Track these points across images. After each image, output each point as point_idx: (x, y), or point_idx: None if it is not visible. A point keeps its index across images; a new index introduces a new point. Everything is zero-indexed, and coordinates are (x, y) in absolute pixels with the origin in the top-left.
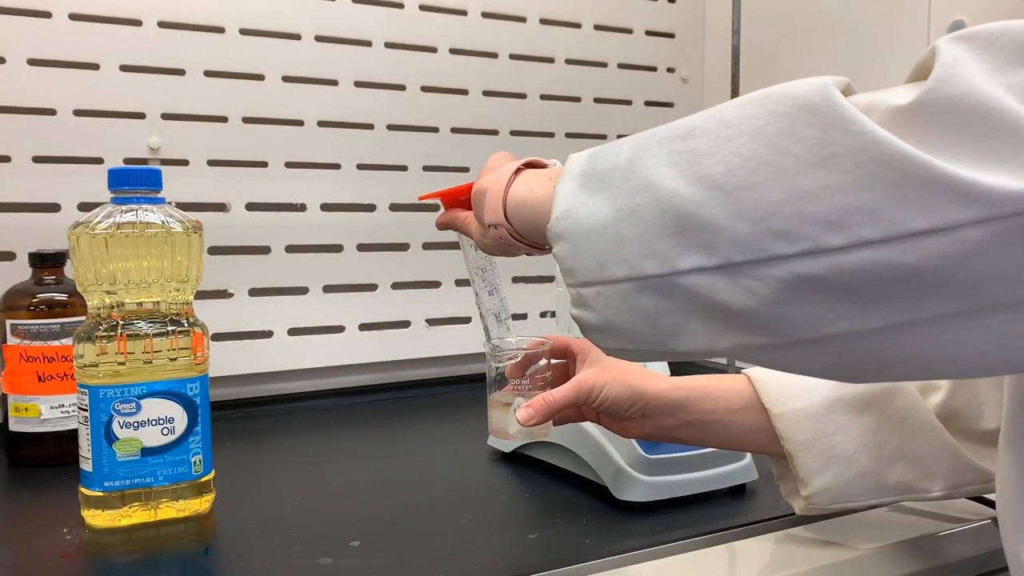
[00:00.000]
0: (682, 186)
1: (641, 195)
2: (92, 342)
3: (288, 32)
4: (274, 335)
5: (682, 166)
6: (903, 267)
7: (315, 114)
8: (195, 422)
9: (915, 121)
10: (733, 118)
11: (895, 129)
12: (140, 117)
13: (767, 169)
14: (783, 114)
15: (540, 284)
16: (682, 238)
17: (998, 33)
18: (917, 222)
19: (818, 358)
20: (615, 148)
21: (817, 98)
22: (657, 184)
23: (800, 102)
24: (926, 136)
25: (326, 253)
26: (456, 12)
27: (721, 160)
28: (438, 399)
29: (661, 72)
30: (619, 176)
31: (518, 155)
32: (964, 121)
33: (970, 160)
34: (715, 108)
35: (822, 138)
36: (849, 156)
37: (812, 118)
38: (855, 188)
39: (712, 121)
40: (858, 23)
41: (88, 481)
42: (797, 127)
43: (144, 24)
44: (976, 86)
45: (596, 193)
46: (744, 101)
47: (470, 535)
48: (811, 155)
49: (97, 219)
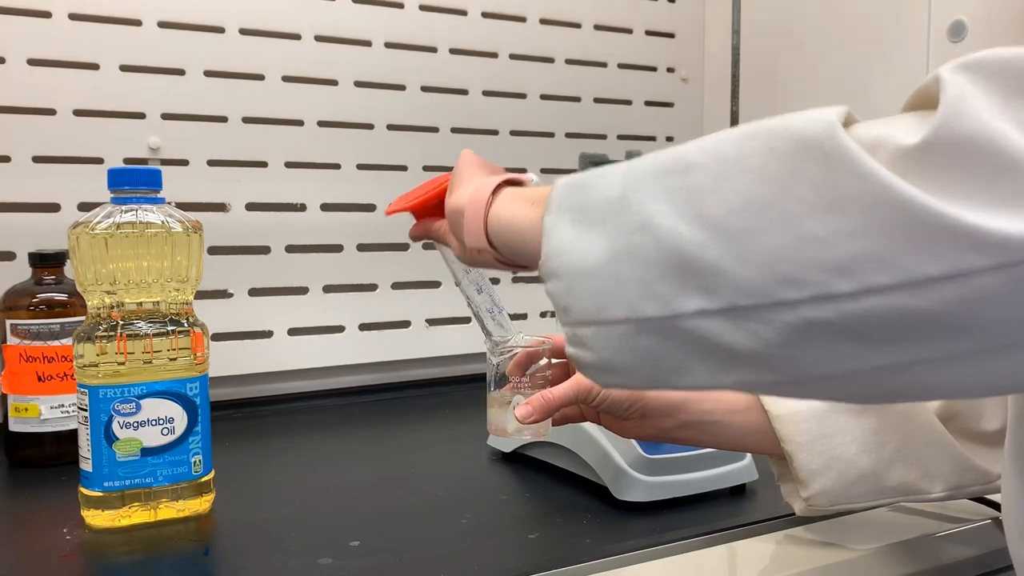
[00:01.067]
0: (682, 226)
1: (638, 234)
2: (92, 342)
3: (288, 32)
4: (274, 335)
5: (680, 204)
6: (916, 311)
7: (315, 114)
8: (195, 422)
9: (925, 162)
10: (733, 154)
11: (905, 171)
12: (140, 117)
13: (772, 212)
14: (787, 153)
15: (540, 284)
16: (683, 280)
17: (1004, 62)
18: (930, 268)
19: (825, 391)
20: (605, 179)
21: (822, 137)
22: (655, 222)
23: (804, 141)
24: (936, 178)
25: (326, 253)
26: (456, 12)
27: (722, 200)
28: (438, 399)
29: (661, 72)
30: (613, 212)
31: (518, 155)
32: (975, 161)
33: (982, 203)
34: (711, 139)
35: (829, 181)
36: (858, 200)
37: (818, 159)
38: (865, 234)
39: (709, 155)
40: (858, 23)
41: (88, 481)
42: (802, 168)
43: (144, 24)
44: (986, 123)
45: (589, 229)
46: (742, 135)
47: (470, 535)
48: (819, 199)
49: (97, 219)
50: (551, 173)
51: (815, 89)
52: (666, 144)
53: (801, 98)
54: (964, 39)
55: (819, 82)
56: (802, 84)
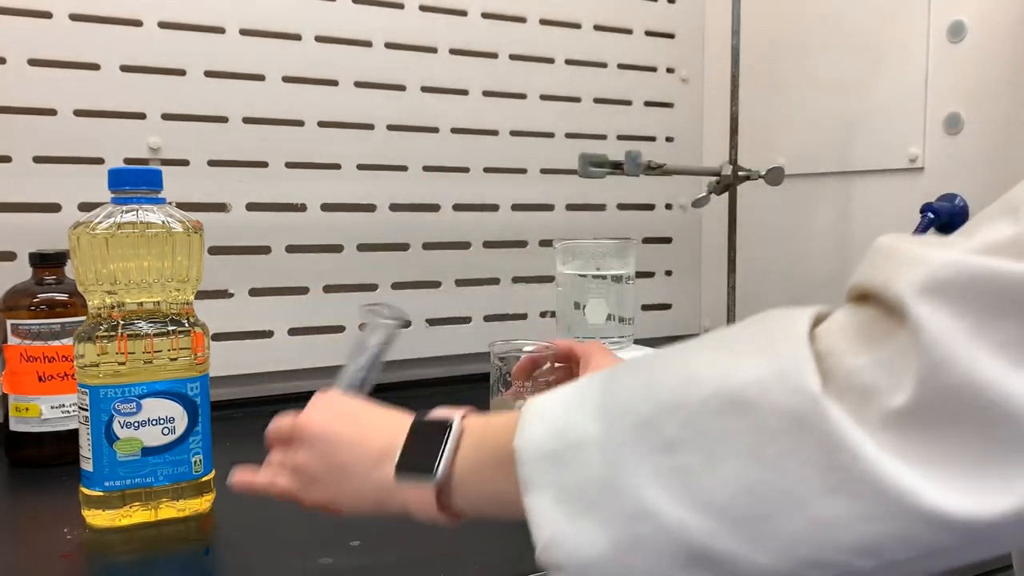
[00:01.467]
0: (685, 515)
1: (640, 524)
2: (92, 342)
3: (288, 32)
4: (274, 335)
5: (677, 489)
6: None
7: (315, 114)
8: (195, 422)
9: (913, 430)
10: (717, 432)
11: (895, 441)
12: (140, 117)
13: (776, 495)
14: (778, 432)
15: (540, 284)
16: (699, 570)
17: (970, 282)
18: (900, 554)
19: None
20: (581, 452)
21: (809, 413)
22: (656, 511)
23: (791, 419)
24: (923, 450)
25: (326, 253)
26: (456, 12)
27: (721, 483)
28: (438, 399)
29: (661, 72)
30: (602, 495)
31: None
32: (961, 421)
33: (966, 472)
34: (683, 399)
35: (828, 462)
36: (862, 483)
37: (810, 441)
38: (876, 517)
39: (691, 431)
40: (858, 23)
41: (89, 481)
42: (797, 450)
43: (144, 24)
44: (967, 370)
45: (580, 515)
46: (722, 404)
47: (470, 535)
48: (822, 481)
49: (98, 219)
50: (551, 173)
51: (815, 89)
52: (666, 144)
53: (801, 98)
54: (964, 39)
55: (819, 82)
56: (802, 84)
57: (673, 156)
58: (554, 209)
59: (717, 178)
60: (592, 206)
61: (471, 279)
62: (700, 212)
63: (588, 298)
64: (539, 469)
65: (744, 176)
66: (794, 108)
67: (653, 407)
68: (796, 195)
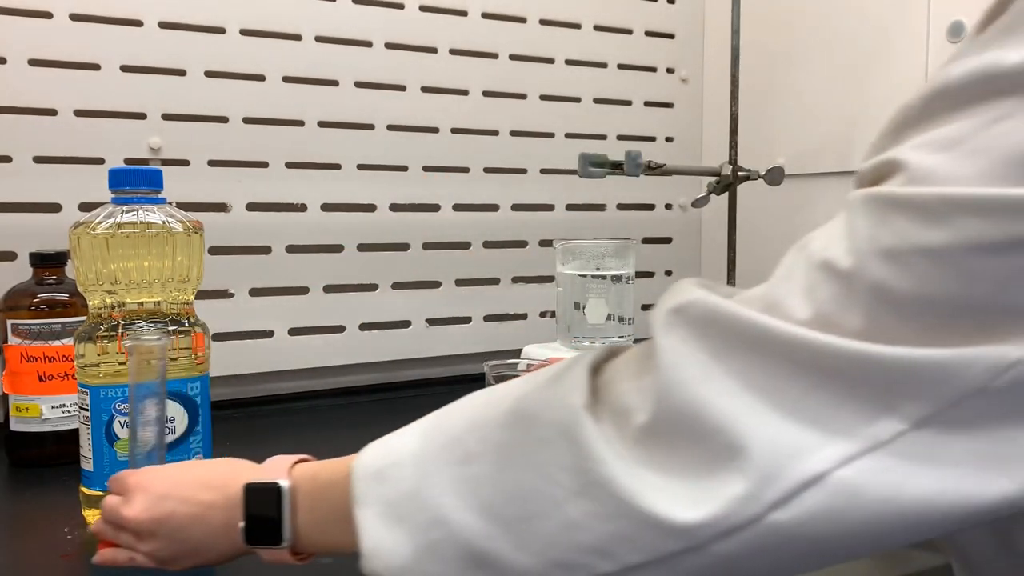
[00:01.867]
0: (470, 519)
1: (435, 530)
2: (93, 342)
3: (288, 32)
4: (274, 335)
5: (467, 496)
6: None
7: (315, 114)
8: (196, 422)
9: (649, 443)
10: (505, 442)
11: (636, 452)
12: (141, 117)
13: (539, 499)
14: (546, 441)
15: (540, 284)
16: (480, 573)
17: (711, 316)
18: (634, 557)
19: None
20: (398, 469)
21: (570, 424)
22: (448, 519)
23: (558, 429)
24: (653, 460)
25: (326, 253)
26: (456, 12)
27: (501, 489)
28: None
29: (661, 72)
30: (411, 506)
31: (518, 155)
32: (683, 436)
33: (684, 482)
34: (483, 416)
35: (578, 467)
36: (599, 486)
37: (568, 447)
38: (613, 515)
39: (487, 444)
40: (858, 23)
41: (89, 481)
42: (558, 456)
43: (144, 24)
44: (694, 393)
45: (394, 525)
46: (507, 419)
47: None
48: (572, 484)
49: (98, 219)
50: (551, 173)
51: (815, 89)
52: (666, 144)
53: (801, 98)
54: (964, 39)
55: (819, 82)
56: (802, 84)
57: (673, 156)
58: (554, 209)
59: (717, 178)
60: (592, 206)
61: (471, 279)
62: (700, 212)
63: (588, 298)
64: (366, 485)
65: (744, 176)
66: (794, 108)
67: (462, 425)
68: (796, 195)
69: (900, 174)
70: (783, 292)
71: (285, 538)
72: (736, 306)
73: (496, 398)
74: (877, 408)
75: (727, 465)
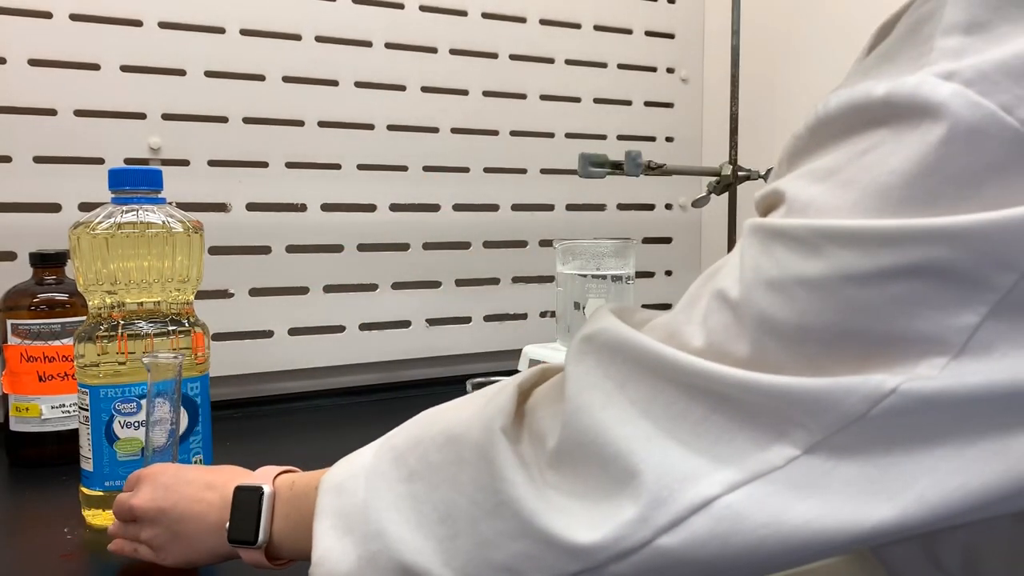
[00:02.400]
0: (406, 533)
1: (375, 542)
2: (93, 342)
3: (288, 32)
4: (274, 335)
5: (406, 511)
6: None
7: (315, 114)
8: (196, 422)
9: (555, 465)
10: (438, 462)
11: (551, 477)
12: (140, 117)
13: (461, 517)
14: (469, 462)
15: (540, 284)
16: None
17: (619, 345)
18: (568, 566)
19: None
20: (353, 482)
21: (487, 446)
22: (386, 532)
23: (478, 451)
24: (565, 482)
25: (326, 253)
26: (456, 12)
27: (433, 507)
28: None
29: (661, 72)
30: (358, 518)
31: (518, 155)
32: (584, 461)
33: (584, 504)
34: (427, 435)
35: (492, 486)
36: (507, 506)
37: (487, 467)
38: (519, 535)
39: (425, 463)
40: (858, 23)
41: (89, 481)
42: (478, 476)
43: (144, 24)
44: (597, 418)
45: (343, 535)
46: (441, 439)
47: None
48: (486, 502)
49: (98, 219)
50: (551, 173)
51: (815, 90)
52: (666, 144)
53: (801, 98)
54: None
55: (819, 83)
56: (802, 85)
57: (673, 156)
58: (554, 209)
59: (717, 178)
60: (592, 206)
61: (471, 279)
62: (700, 212)
63: (588, 298)
64: (327, 498)
65: (744, 176)
66: (794, 108)
67: (407, 443)
68: None
69: (783, 205)
70: (683, 320)
71: (260, 539)
72: (639, 335)
73: (438, 417)
74: (770, 435)
75: (622, 490)
